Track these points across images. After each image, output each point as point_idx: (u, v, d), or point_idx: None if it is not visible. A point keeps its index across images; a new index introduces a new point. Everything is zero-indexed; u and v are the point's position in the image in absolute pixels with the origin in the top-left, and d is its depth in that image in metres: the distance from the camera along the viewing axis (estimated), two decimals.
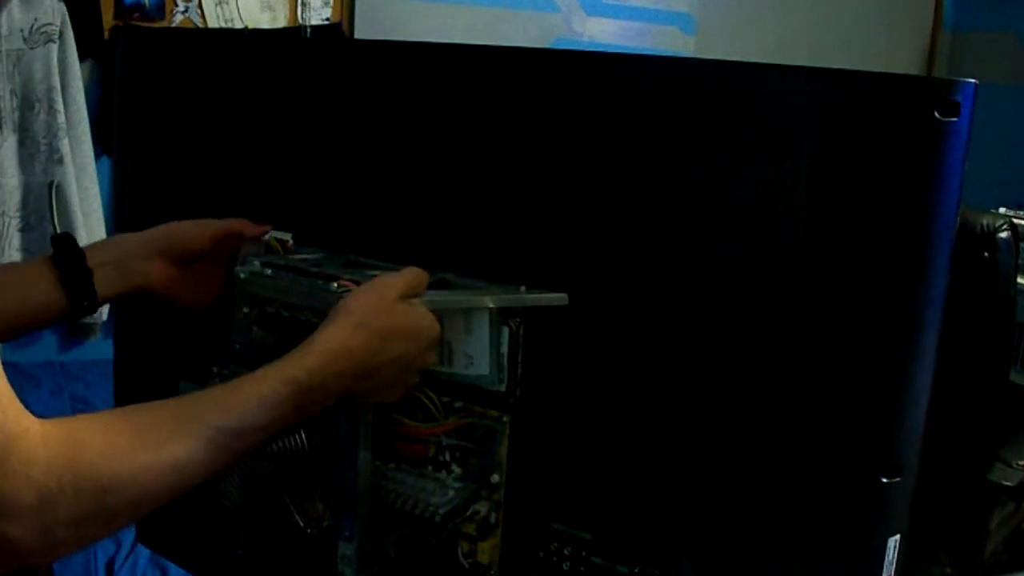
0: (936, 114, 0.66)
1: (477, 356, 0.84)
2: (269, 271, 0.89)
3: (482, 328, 0.83)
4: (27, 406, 0.64)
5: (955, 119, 0.66)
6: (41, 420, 0.64)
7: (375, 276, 0.84)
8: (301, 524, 0.89)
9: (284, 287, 0.86)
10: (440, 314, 0.84)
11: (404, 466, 0.89)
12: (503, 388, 0.85)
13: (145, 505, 0.69)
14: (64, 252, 0.91)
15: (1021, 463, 1.16)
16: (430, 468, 0.89)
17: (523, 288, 0.83)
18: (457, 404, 0.87)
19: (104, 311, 2.69)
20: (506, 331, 0.83)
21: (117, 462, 0.67)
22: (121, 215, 1.19)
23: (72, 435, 0.65)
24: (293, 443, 0.86)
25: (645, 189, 0.78)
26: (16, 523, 0.62)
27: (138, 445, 0.68)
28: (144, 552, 1.95)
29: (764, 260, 0.73)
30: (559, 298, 0.82)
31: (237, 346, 0.89)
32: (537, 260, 0.83)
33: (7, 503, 0.61)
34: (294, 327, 0.86)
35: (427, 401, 0.88)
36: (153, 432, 0.70)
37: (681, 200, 0.77)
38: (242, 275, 0.90)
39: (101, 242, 1.01)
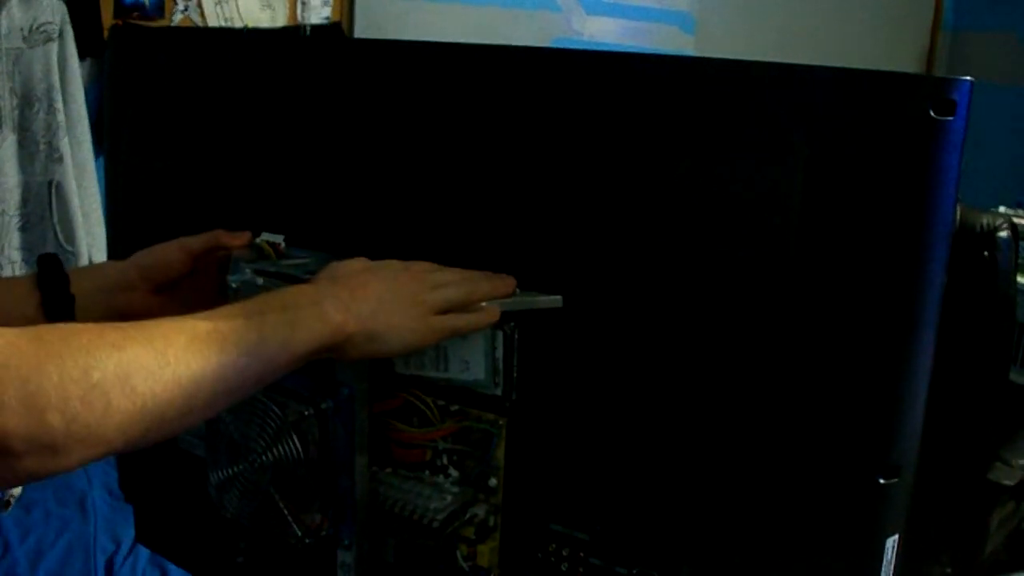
0: (932, 113, 0.66)
1: (472, 360, 0.84)
2: (261, 280, 0.88)
3: (476, 332, 0.83)
4: None
5: (951, 118, 0.66)
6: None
7: None
8: (299, 534, 0.89)
9: None
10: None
11: (401, 471, 0.89)
12: (499, 392, 0.84)
13: (134, 381, 0.65)
14: (49, 275, 0.90)
15: (1021, 462, 1.16)
16: (427, 473, 0.89)
17: (518, 291, 0.83)
18: (453, 408, 0.87)
19: None
20: (501, 335, 0.83)
21: (93, 337, 0.64)
22: (114, 216, 1.19)
23: (40, 328, 0.63)
24: (290, 452, 0.86)
25: (642, 189, 0.78)
26: (7, 413, 0.58)
27: (108, 329, 0.66)
28: (144, 552, 1.95)
29: (760, 259, 0.73)
30: (554, 300, 0.82)
31: None
32: (532, 262, 0.83)
33: None
34: None
35: (423, 406, 0.88)
36: (127, 326, 0.68)
37: (677, 199, 0.76)
38: (233, 284, 0.89)
39: (84, 268, 1.01)
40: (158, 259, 0.95)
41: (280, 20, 2.92)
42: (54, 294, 0.89)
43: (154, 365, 0.66)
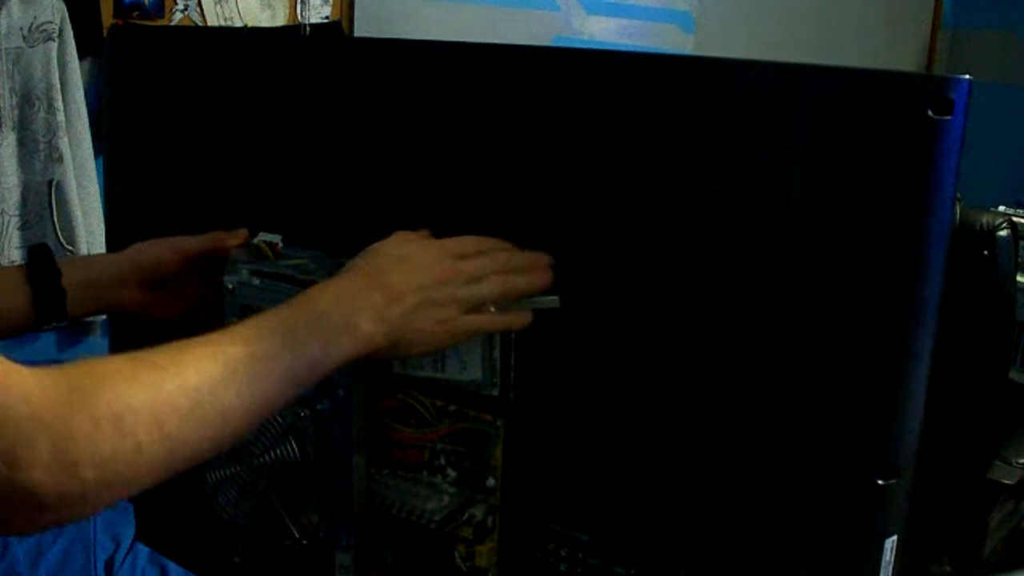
0: (930, 112, 0.65)
1: (469, 360, 0.84)
2: (257, 281, 0.88)
3: None
4: None
5: (949, 117, 0.65)
6: (27, 366, 0.61)
7: None
8: (297, 535, 0.89)
9: (273, 297, 0.85)
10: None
11: (399, 472, 0.89)
12: (496, 392, 0.84)
13: (167, 426, 0.64)
14: (39, 268, 0.89)
15: (1021, 461, 1.16)
16: (425, 473, 0.89)
17: None
18: (451, 408, 0.87)
19: None
20: (498, 335, 0.83)
21: (125, 381, 0.63)
22: (114, 216, 1.19)
23: (70, 370, 0.62)
24: (286, 454, 0.85)
25: (640, 188, 0.78)
26: (35, 469, 0.57)
27: (141, 368, 0.64)
28: (144, 551, 1.95)
29: (759, 259, 0.73)
30: (551, 301, 0.81)
31: None
32: None
33: (19, 450, 0.57)
34: None
35: (420, 406, 0.88)
36: (158, 357, 0.66)
37: (676, 199, 0.76)
38: (230, 285, 0.89)
39: (76, 260, 1.00)
40: (151, 256, 0.94)
41: (280, 19, 2.91)
42: (45, 289, 0.89)
43: (187, 406, 0.65)
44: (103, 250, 2.60)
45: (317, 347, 0.73)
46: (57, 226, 2.58)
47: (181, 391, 0.65)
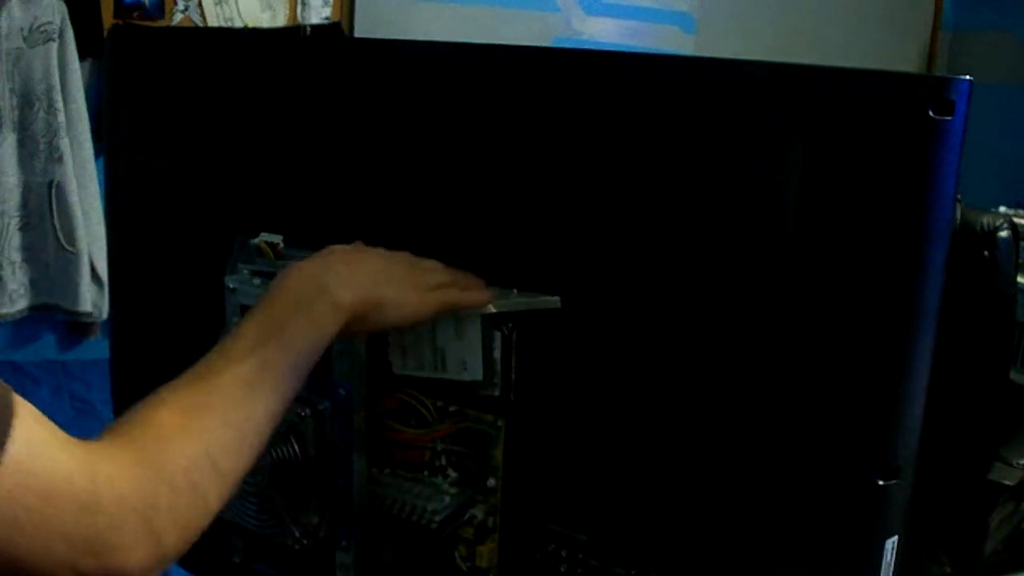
0: (930, 112, 0.65)
1: (470, 361, 0.84)
2: (258, 280, 0.88)
3: (474, 333, 0.83)
4: None
5: (950, 117, 0.65)
6: (95, 442, 0.63)
7: None
8: (297, 535, 0.89)
9: None
10: (431, 319, 0.83)
11: (399, 472, 0.89)
12: (497, 392, 0.84)
13: (222, 465, 0.68)
14: None
15: (1021, 462, 1.16)
16: (425, 474, 0.88)
17: (515, 291, 0.83)
18: (451, 409, 0.87)
19: (104, 310, 2.70)
20: (498, 335, 0.83)
21: (181, 435, 0.66)
22: (114, 216, 1.19)
23: (128, 433, 0.65)
24: (287, 453, 0.86)
25: (640, 189, 0.78)
26: (125, 551, 0.60)
27: (186, 416, 0.68)
28: None
29: (759, 259, 0.73)
30: (551, 301, 0.81)
31: None
32: (529, 262, 0.83)
33: (110, 535, 0.60)
34: None
35: (421, 406, 0.88)
36: (190, 397, 0.69)
37: (676, 199, 0.76)
38: (231, 285, 0.89)
39: None
40: None
41: (280, 20, 2.92)
42: None
43: (231, 439, 0.69)
44: (103, 250, 2.61)
45: (307, 331, 0.75)
46: (57, 226, 2.59)
47: (224, 427, 0.69)
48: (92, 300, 2.67)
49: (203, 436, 0.67)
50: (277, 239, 0.92)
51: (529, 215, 0.83)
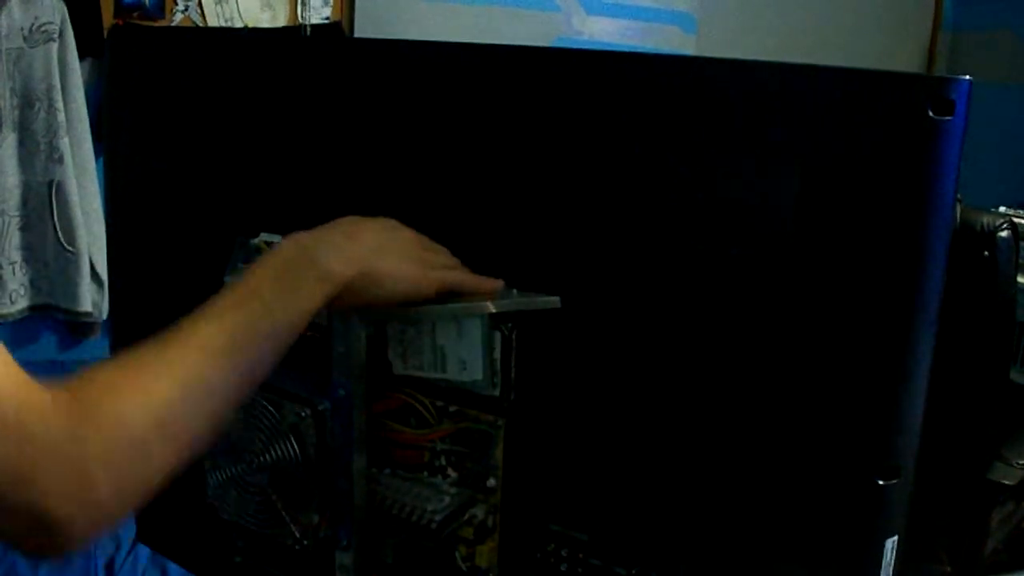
0: (931, 112, 0.65)
1: (470, 361, 0.84)
2: None
3: (474, 333, 0.83)
4: None
5: (950, 117, 0.65)
6: (43, 385, 0.62)
7: None
8: (298, 535, 0.89)
9: None
10: (431, 319, 0.83)
11: (399, 472, 0.89)
12: (497, 392, 0.84)
13: (168, 425, 0.66)
14: None
15: (1021, 462, 1.16)
16: (425, 474, 0.88)
17: (515, 291, 0.83)
18: (451, 409, 0.87)
19: (104, 310, 2.69)
20: (498, 335, 0.83)
21: (123, 390, 0.65)
22: (115, 216, 1.19)
23: (74, 386, 0.64)
24: (287, 454, 0.85)
25: (641, 189, 0.78)
26: (54, 497, 0.59)
27: (132, 373, 0.66)
28: (144, 552, 1.95)
29: (758, 260, 0.73)
30: (551, 301, 0.81)
31: None
32: (530, 262, 0.83)
33: (38, 475, 0.59)
34: None
35: (421, 407, 0.88)
36: (144, 357, 0.68)
37: (676, 199, 0.76)
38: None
39: None
40: None
41: (280, 20, 2.91)
42: None
43: (181, 399, 0.67)
44: (103, 250, 2.61)
45: (288, 299, 0.74)
46: (57, 226, 2.58)
47: (175, 386, 0.66)
48: (92, 300, 2.67)
49: (149, 393, 0.65)
50: (277, 239, 0.92)
51: (529, 215, 0.83)
